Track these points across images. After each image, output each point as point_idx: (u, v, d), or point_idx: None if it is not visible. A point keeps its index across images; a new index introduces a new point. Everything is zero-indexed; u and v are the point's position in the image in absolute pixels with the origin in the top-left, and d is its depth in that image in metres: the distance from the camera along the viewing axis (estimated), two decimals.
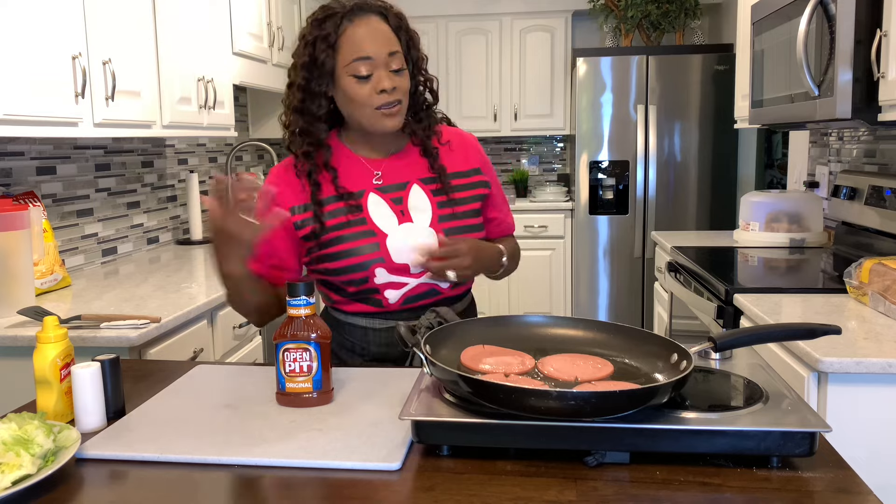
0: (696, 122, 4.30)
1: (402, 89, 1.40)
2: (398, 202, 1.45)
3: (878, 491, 0.90)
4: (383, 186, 1.46)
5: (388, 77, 1.37)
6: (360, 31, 1.36)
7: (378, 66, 1.36)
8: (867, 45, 1.91)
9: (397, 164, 1.48)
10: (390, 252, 1.41)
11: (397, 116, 1.40)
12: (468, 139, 1.57)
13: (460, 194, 1.49)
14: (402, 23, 1.43)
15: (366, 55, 1.36)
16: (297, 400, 1.17)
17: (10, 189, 2.23)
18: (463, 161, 1.53)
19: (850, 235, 2.65)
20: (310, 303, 1.17)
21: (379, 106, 1.38)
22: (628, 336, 1.18)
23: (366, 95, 1.37)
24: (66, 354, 1.16)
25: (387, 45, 1.37)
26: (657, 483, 0.91)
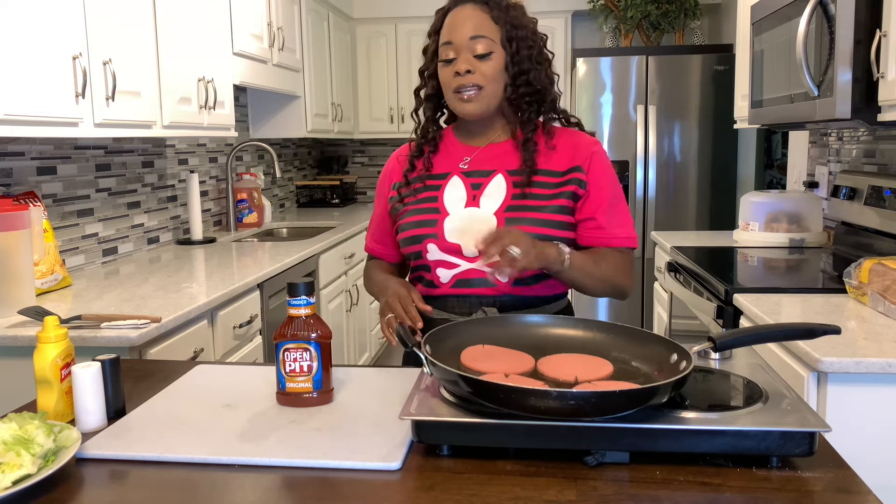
0: (696, 122, 4.30)
1: (484, 74, 1.41)
2: (476, 187, 1.47)
3: (878, 491, 0.90)
4: (469, 171, 1.49)
5: (467, 61, 1.41)
6: (454, 18, 1.44)
7: (460, 50, 1.42)
8: (867, 45, 1.91)
9: (491, 153, 1.50)
10: (445, 230, 1.44)
11: (474, 101, 1.43)
12: (583, 142, 1.49)
13: (544, 190, 1.44)
14: (506, 13, 1.43)
15: (449, 39, 1.43)
16: (298, 400, 1.17)
17: (10, 189, 2.23)
18: (565, 161, 1.46)
19: (850, 235, 2.65)
20: (310, 302, 1.17)
21: (456, 89, 1.42)
22: (628, 336, 1.18)
23: (447, 79, 1.44)
24: (66, 354, 1.16)
25: (473, 30, 1.41)
26: (657, 483, 0.91)
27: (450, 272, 1.46)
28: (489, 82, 1.42)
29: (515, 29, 1.44)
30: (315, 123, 4.18)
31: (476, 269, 1.45)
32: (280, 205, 4.63)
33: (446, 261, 1.46)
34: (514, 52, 1.43)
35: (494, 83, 1.43)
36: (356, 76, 5.01)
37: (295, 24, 3.85)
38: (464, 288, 1.46)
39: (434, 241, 1.45)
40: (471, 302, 1.46)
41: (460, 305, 1.47)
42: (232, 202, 3.71)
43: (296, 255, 2.84)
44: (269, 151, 3.75)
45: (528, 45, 1.45)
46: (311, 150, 5.24)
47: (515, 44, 1.43)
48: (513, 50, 1.43)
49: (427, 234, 1.46)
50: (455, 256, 1.45)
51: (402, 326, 1.12)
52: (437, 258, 1.46)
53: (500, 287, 1.45)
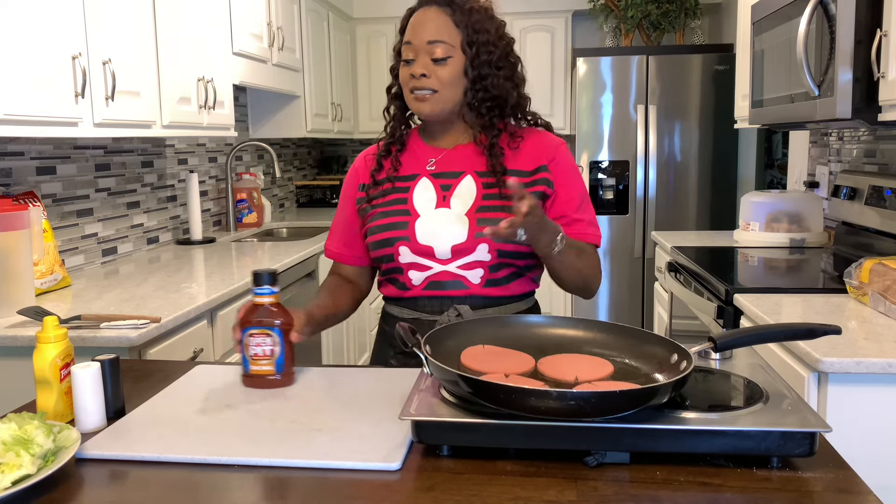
0: (696, 122, 4.29)
1: (440, 79, 1.42)
2: (446, 188, 1.47)
3: (878, 491, 0.90)
4: (437, 172, 1.49)
5: (423, 65, 1.42)
6: (417, 18, 1.45)
7: (419, 51, 1.43)
8: (867, 45, 1.91)
9: (457, 155, 1.50)
10: (416, 232, 1.44)
11: (428, 103, 1.43)
12: (549, 142, 1.50)
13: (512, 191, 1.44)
14: (468, 17, 1.43)
15: (409, 40, 1.44)
16: (261, 381, 1.25)
17: (10, 189, 2.23)
18: (531, 161, 1.47)
19: (851, 235, 2.65)
20: (273, 291, 1.25)
21: (411, 89, 1.44)
22: (628, 336, 1.18)
23: (405, 79, 1.45)
24: (65, 354, 1.16)
25: (432, 33, 1.42)
26: (657, 483, 0.91)
27: (422, 274, 1.46)
28: (444, 87, 1.42)
29: (476, 33, 1.43)
30: (315, 123, 4.18)
31: (449, 272, 1.44)
32: (280, 205, 4.63)
33: (419, 263, 1.45)
34: (474, 57, 1.43)
35: (451, 88, 1.43)
36: (356, 76, 5.01)
37: (295, 23, 3.85)
38: (436, 290, 1.46)
39: (406, 243, 1.44)
40: (443, 302, 1.46)
41: (432, 305, 1.47)
42: (232, 202, 3.70)
43: (296, 255, 2.84)
44: (268, 151, 3.75)
45: (488, 50, 1.44)
46: (311, 150, 5.24)
47: (475, 48, 1.43)
48: (472, 54, 1.43)
49: (398, 237, 1.45)
50: (427, 259, 1.44)
51: (401, 326, 1.12)
52: (409, 261, 1.45)
53: (472, 288, 1.45)
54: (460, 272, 1.44)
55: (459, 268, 1.44)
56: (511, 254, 1.43)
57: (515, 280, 1.47)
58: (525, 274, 1.49)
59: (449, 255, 1.43)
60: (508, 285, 1.47)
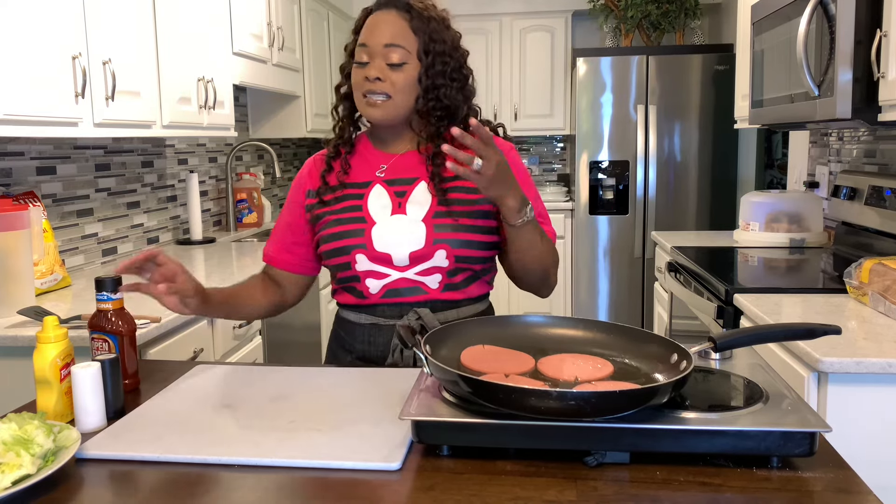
0: (696, 122, 4.30)
1: (394, 84, 1.39)
2: (400, 195, 1.44)
3: (878, 491, 0.90)
4: (391, 179, 1.46)
5: (379, 68, 1.39)
6: (374, 20, 1.42)
7: (375, 55, 1.39)
8: (867, 45, 1.91)
9: (408, 161, 1.48)
10: (373, 240, 1.41)
11: (380, 108, 1.40)
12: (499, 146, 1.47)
13: (469, 195, 1.42)
14: (426, 25, 1.41)
15: (365, 42, 1.41)
16: None
17: (10, 189, 2.23)
18: None
19: (850, 235, 2.65)
20: (111, 298, 1.28)
21: (363, 92, 1.41)
22: (628, 336, 1.18)
23: (358, 81, 1.42)
24: (66, 354, 1.16)
25: (389, 37, 1.39)
26: (657, 483, 0.91)
27: (380, 282, 1.43)
28: (398, 92, 1.40)
29: (433, 42, 1.41)
30: (315, 123, 4.18)
31: (407, 278, 1.42)
32: (280, 205, 4.63)
33: (376, 271, 1.42)
34: (430, 65, 1.41)
35: (404, 94, 1.40)
36: None
37: (295, 23, 3.85)
38: (394, 297, 1.44)
39: (363, 251, 1.41)
40: (402, 308, 1.44)
41: (391, 311, 1.45)
42: (232, 202, 3.70)
43: None
44: (268, 151, 3.75)
45: (444, 60, 1.42)
46: (311, 150, 5.24)
47: (431, 57, 1.41)
48: (428, 62, 1.41)
49: (355, 245, 1.42)
50: (385, 266, 1.42)
51: (401, 326, 1.12)
52: (366, 268, 1.42)
53: (431, 293, 1.43)
54: (418, 278, 1.42)
55: (417, 274, 1.42)
56: (468, 258, 1.42)
57: (472, 283, 1.47)
58: (481, 277, 1.49)
59: (407, 262, 1.41)
60: (466, 288, 1.46)
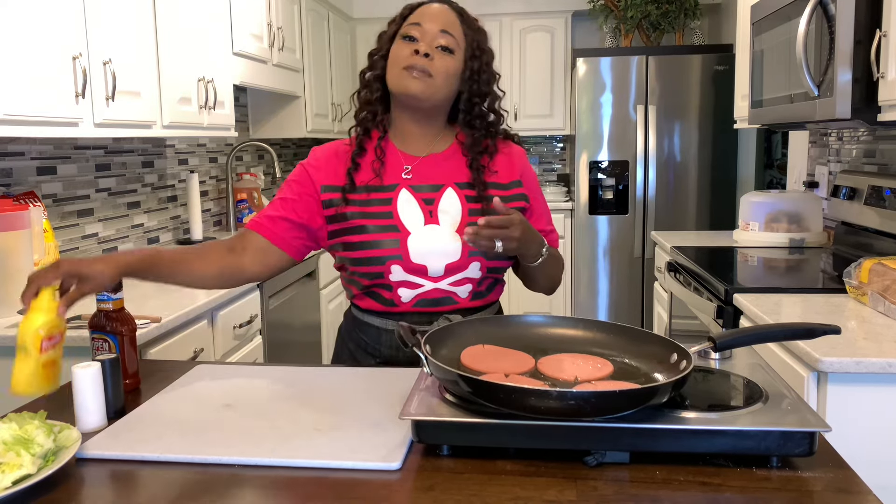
0: (696, 122, 4.30)
1: (439, 67, 1.40)
2: (429, 203, 1.44)
3: (878, 491, 0.90)
4: (417, 185, 1.45)
5: (430, 47, 1.40)
6: (428, 8, 1.44)
7: (426, 34, 1.41)
8: (867, 45, 1.91)
9: (434, 164, 1.47)
10: (409, 251, 1.40)
11: (422, 83, 1.39)
12: (515, 153, 1.53)
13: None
14: (476, 33, 1.45)
15: (419, 21, 1.42)
16: None
17: (10, 189, 2.23)
18: (505, 174, 1.49)
19: (850, 235, 2.65)
20: (111, 298, 1.28)
21: (407, 65, 1.39)
22: (628, 336, 1.18)
23: (403, 54, 1.41)
24: (51, 327, 1.14)
25: (444, 24, 1.42)
26: (657, 483, 0.91)
27: (413, 292, 1.43)
28: (440, 75, 1.40)
29: (481, 52, 1.45)
30: (315, 123, 4.18)
31: (440, 289, 1.43)
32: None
33: (410, 281, 1.42)
34: (476, 72, 1.43)
35: (445, 80, 1.41)
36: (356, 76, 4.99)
37: (295, 24, 3.85)
38: (426, 307, 1.44)
39: (398, 262, 1.41)
40: (431, 317, 1.41)
41: (421, 319, 1.42)
42: (232, 202, 3.71)
43: None
44: (269, 151, 3.75)
45: (489, 70, 1.46)
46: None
47: (478, 64, 1.44)
48: (474, 68, 1.43)
49: (391, 255, 1.40)
50: (419, 277, 1.42)
51: (401, 326, 1.12)
52: (400, 279, 1.42)
53: (461, 302, 1.45)
54: (450, 289, 1.43)
55: (450, 285, 1.43)
56: (497, 269, 1.48)
57: (494, 289, 1.51)
58: (500, 282, 1.54)
59: (442, 273, 1.42)
60: (490, 294, 1.50)
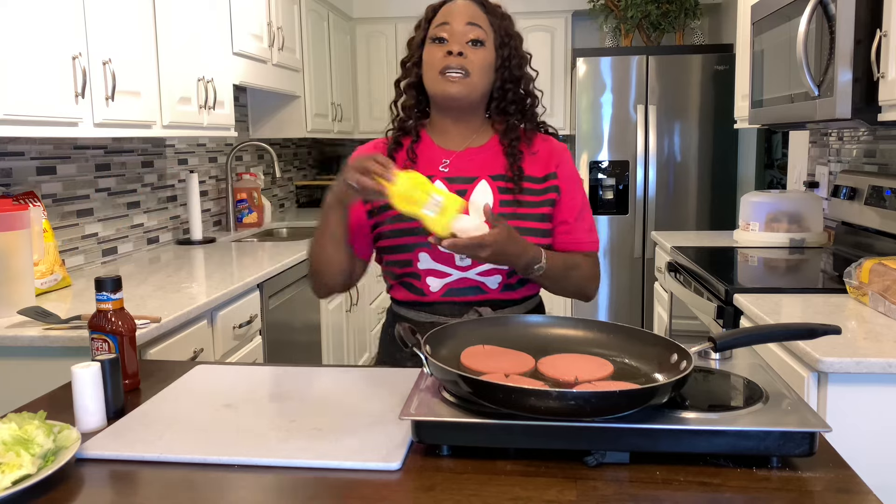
0: (696, 122, 4.29)
1: (474, 63, 1.42)
2: (461, 194, 1.44)
3: (878, 491, 0.90)
4: (452, 177, 1.47)
5: (461, 44, 1.42)
6: (451, 6, 1.46)
7: (455, 33, 1.42)
8: (867, 45, 1.91)
9: (471, 157, 1.49)
10: None
11: (459, 84, 1.42)
12: (556, 148, 1.52)
13: (530, 198, 1.45)
14: (501, 20, 1.47)
15: (446, 21, 1.44)
16: None
17: (10, 189, 2.23)
18: (542, 167, 1.49)
19: (850, 235, 2.65)
20: (111, 298, 1.27)
21: (442, 69, 1.42)
22: (628, 336, 1.18)
23: (436, 58, 1.43)
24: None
25: (470, 18, 1.43)
26: (657, 483, 0.91)
27: (441, 281, 1.45)
28: (476, 71, 1.42)
29: (509, 37, 1.46)
30: (315, 123, 4.18)
31: (468, 278, 1.45)
32: (280, 205, 4.63)
33: (438, 270, 1.45)
34: (506, 58, 1.45)
35: (481, 74, 1.43)
36: (356, 76, 5.01)
37: (295, 24, 3.85)
38: (455, 296, 1.46)
39: (426, 249, 1.43)
40: (461, 308, 1.45)
41: (451, 311, 1.46)
42: (232, 202, 3.70)
43: (295, 255, 2.84)
44: (268, 151, 3.75)
45: (519, 54, 1.48)
46: (311, 150, 5.24)
47: (508, 50, 1.46)
48: (504, 55, 1.45)
49: (419, 243, 1.43)
50: (447, 265, 1.44)
51: (401, 326, 1.12)
52: (427, 267, 1.45)
53: (490, 293, 1.46)
54: (479, 279, 1.45)
55: (478, 274, 1.44)
56: None
57: (528, 283, 1.49)
58: None
59: (469, 263, 1.43)
60: (522, 288, 1.49)
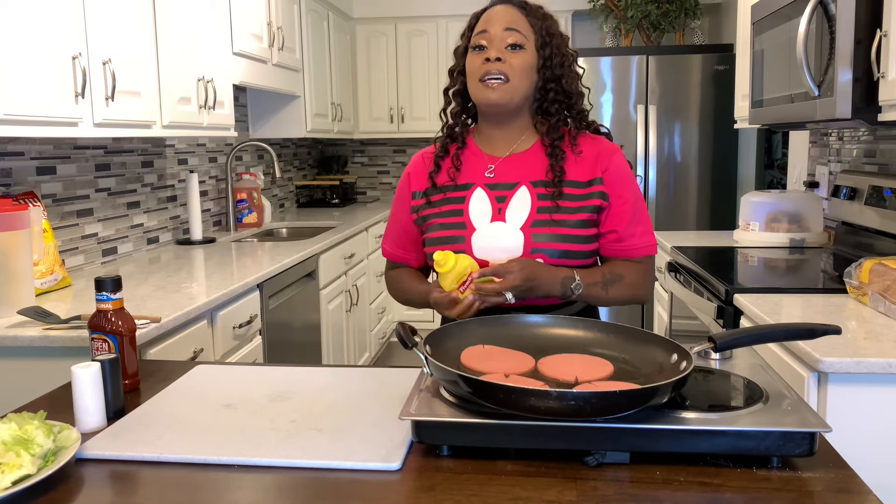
0: (696, 122, 4.29)
1: (514, 67, 1.42)
2: (501, 200, 1.45)
3: (878, 491, 0.90)
4: (493, 183, 1.47)
5: (499, 50, 1.42)
6: (490, 13, 1.47)
7: (493, 39, 1.43)
8: (867, 45, 1.91)
9: (515, 163, 1.49)
10: (473, 247, 1.43)
11: (499, 90, 1.42)
12: (605, 149, 1.48)
13: (569, 203, 1.43)
14: (542, 21, 1.47)
15: (484, 28, 1.44)
16: None
17: (10, 189, 2.23)
18: (588, 171, 1.45)
19: (850, 235, 2.65)
20: (111, 298, 1.27)
21: (482, 76, 1.42)
22: (628, 336, 1.18)
23: (476, 65, 1.44)
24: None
25: (508, 23, 1.44)
26: (657, 483, 0.91)
27: None
28: (516, 74, 1.42)
29: (550, 36, 1.47)
30: (315, 123, 4.18)
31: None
32: (280, 205, 4.63)
33: None
34: (548, 58, 1.45)
35: (521, 77, 1.43)
36: (356, 76, 5.01)
37: (295, 24, 3.85)
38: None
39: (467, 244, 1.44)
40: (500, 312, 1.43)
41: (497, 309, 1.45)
42: (232, 202, 3.70)
43: (296, 255, 2.84)
44: (268, 151, 3.75)
45: (561, 52, 1.47)
46: (311, 150, 5.24)
47: (549, 49, 1.46)
48: (546, 55, 1.45)
49: (455, 251, 1.41)
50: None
51: (401, 326, 1.12)
52: None
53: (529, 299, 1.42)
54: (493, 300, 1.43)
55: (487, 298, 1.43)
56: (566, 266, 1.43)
57: None
58: None
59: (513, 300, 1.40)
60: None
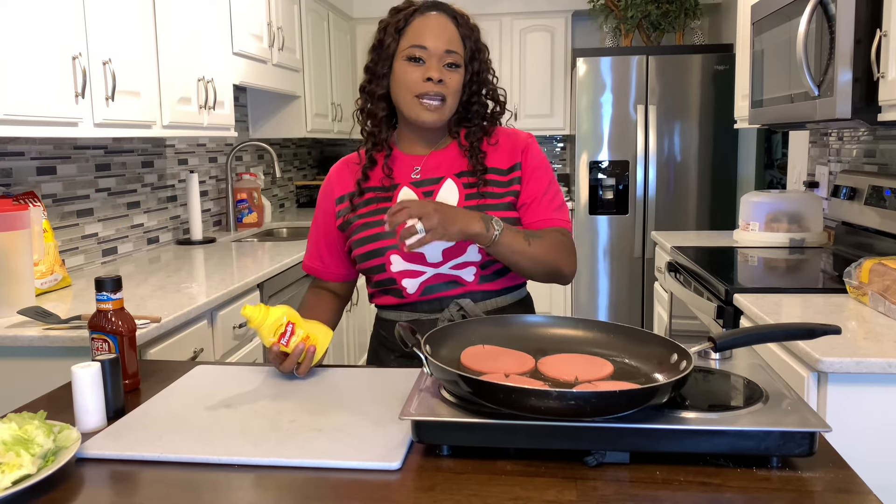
0: (696, 122, 4.29)
1: (451, 87, 1.42)
2: (428, 195, 1.47)
3: (878, 491, 0.90)
4: (420, 181, 1.48)
5: (439, 70, 1.41)
6: (427, 22, 1.43)
7: (432, 56, 1.41)
8: (867, 45, 1.91)
9: (437, 159, 1.50)
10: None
11: (436, 112, 1.43)
12: (519, 138, 1.53)
13: (494, 189, 1.47)
14: (472, 33, 1.47)
15: (423, 44, 1.42)
16: None
17: (10, 189, 2.23)
18: (507, 158, 1.50)
19: (850, 235, 2.65)
20: (111, 298, 1.26)
21: (421, 94, 1.42)
22: (628, 336, 1.18)
23: (413, 80, 1.42)
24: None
25: (448, 42, 1.42)
26: (657, 483, 0.91)
27: (416, 281, 1.46)
28: (451, 94, 1.44)
29: (479, 51, 1.47)
30: (315, 123, 4.18)
31: (442, 274, 1.45)
32: (280, 205, 4.63)
33: (411, 270, 1.45)
34: (476, 73, 1.47)
35: (455, 96, 1.45)
36: (356, 76, 5.01)
37: (295, 24, 3.85)
38: (433, 293, 1.47)
39: (396, 251, 1.44)
40: (441, 302, 1.47)
41: (431, 307, 1.47)
42: (232, 202, 3.70)
43: (296, 255, 2.84)
44: (268, 151, 3.75)
45: (487, 67, 1.49)
46: (311, 150, 5.24)
47: (477, 64, 1.47)
48: (474, 69, 1.46)
49: (388, 246, 1.44)
50: (419, 264, 1.45)
51: (401, 326, 1.12)
52: (401, 269, 1.45)
53: (468, 285, 1.46)
54: (454, 272, 1.46)
55: (452, 269, 1.45)
56: None
57: (506, 273, 1.49)
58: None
59: (440, 259, 1.44)
60: (501, 279, 1.49)
